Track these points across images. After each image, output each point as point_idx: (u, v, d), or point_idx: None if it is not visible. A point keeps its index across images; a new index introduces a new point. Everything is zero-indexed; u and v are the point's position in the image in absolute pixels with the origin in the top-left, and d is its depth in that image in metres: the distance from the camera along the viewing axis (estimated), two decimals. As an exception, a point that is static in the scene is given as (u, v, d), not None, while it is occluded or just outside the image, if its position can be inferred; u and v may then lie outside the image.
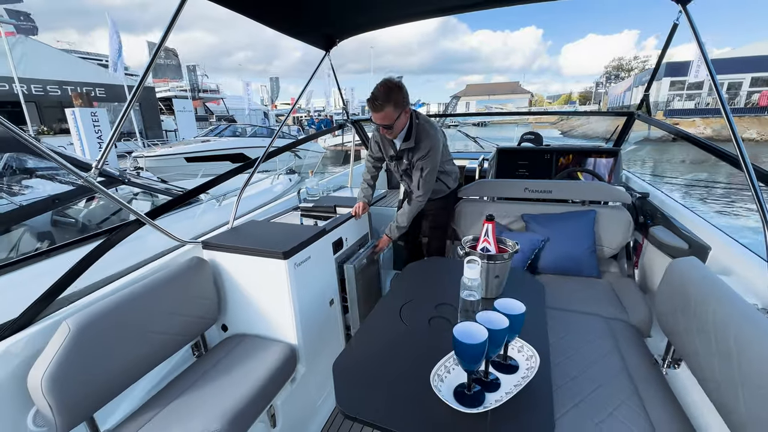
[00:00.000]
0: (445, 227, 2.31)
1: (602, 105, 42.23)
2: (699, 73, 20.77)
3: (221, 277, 1.65)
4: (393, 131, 1.89)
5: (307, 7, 1.77)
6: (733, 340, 0.99)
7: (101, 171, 1.29)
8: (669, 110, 24.61)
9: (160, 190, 3.41)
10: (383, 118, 1.83)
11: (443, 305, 1.33)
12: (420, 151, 1.94)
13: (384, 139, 2.07)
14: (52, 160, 1.10)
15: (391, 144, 2.06)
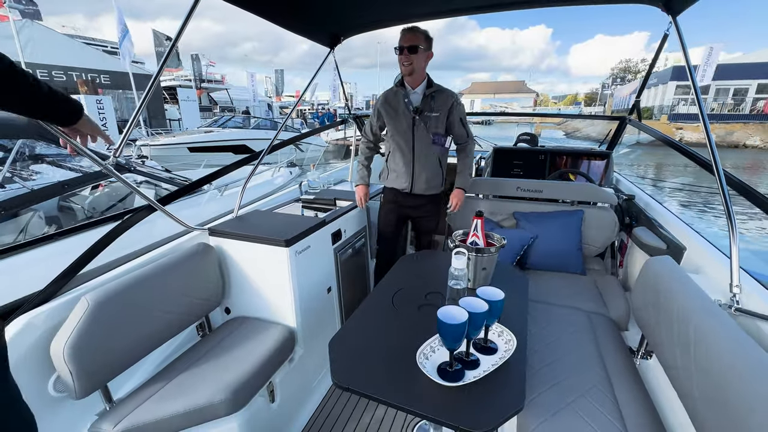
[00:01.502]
0: (433, 231, 2.25)
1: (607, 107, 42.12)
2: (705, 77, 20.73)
3: (226, 262, 1.75)
4: (414, 65, 1.85)
5: (313, 6, 1.84)
6: (692, 331, 1.08)
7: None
8: (673, 114, 24.53)
9: (164, 179, 3.50)
10: (412, 39, 1.81)
11: (432, 293, 1.43)
12: (449, 96, 1.96)
13: (396, 99, 1.97)
14: (76, 148, 1.18)
15: (404, 103, 1.95)
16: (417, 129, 1.95)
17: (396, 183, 2.09)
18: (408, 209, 2.16)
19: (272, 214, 2.07)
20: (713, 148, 1.38)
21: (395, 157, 2.04)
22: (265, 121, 14.32)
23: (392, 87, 2.03)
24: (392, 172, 2.09)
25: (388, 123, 2.02)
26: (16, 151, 3.00)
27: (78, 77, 16.17)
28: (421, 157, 2.01)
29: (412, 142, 1.98)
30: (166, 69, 21.39)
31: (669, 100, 26.56)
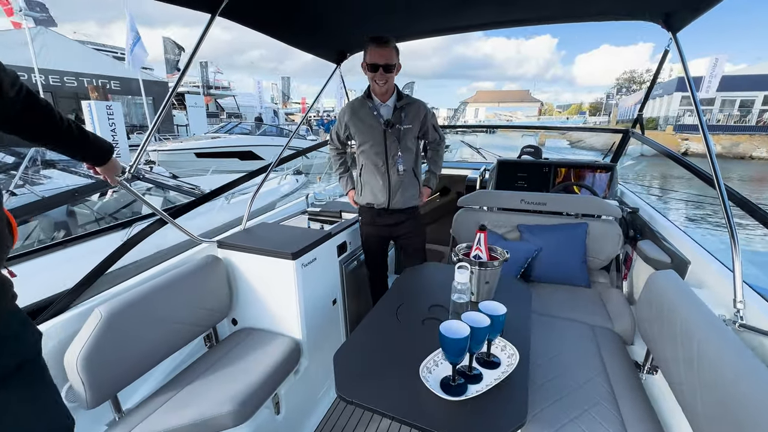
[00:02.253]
0: (423, 250, 2.15)
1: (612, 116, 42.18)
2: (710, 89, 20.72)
3: (234, 274, 1.77)
4: (389, 84, 1.81)
5: (320, 25, 1.90)
6: (696, 346, 1.09)
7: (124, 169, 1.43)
8: (679, 125, 24.48)
9: (172, 187, 3.56)
10: (388, 56, 1.73)
11: (436, 307, 1.45)
12: (421, 107, 1.94)
13: (364, 111, 1.88)
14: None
15: (373, 115, 1.87)
16: (389, 141, 1.88)
17: (372, 198, 1.98)
18: (388, 228, 2.04)
19: (279, 226, 2.11)
20: (714, 163, 1.40)
21: (368, 172, 1.95)
22: (271, 128, 14.48)
23: (358, 98, 1.96)
24: (366, 186, 1.99)
25: (358, 137, 1.93)
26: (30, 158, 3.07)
27: (89, 83, 16.48)
28: (395, 170, 1.93)
29: (384, 155, 1.90)
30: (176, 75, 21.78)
31: (674, 111, 26.54)
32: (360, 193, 2.04)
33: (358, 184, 2.06)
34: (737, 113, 25.22)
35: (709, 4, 1.52)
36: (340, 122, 2.00)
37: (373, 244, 2.11)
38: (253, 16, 1.67)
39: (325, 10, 1.74)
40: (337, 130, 2.04)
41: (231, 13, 1.52)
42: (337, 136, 2.07)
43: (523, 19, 2.01)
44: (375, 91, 1.86)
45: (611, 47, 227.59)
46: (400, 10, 1.82)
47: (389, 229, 2.05)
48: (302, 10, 1.69)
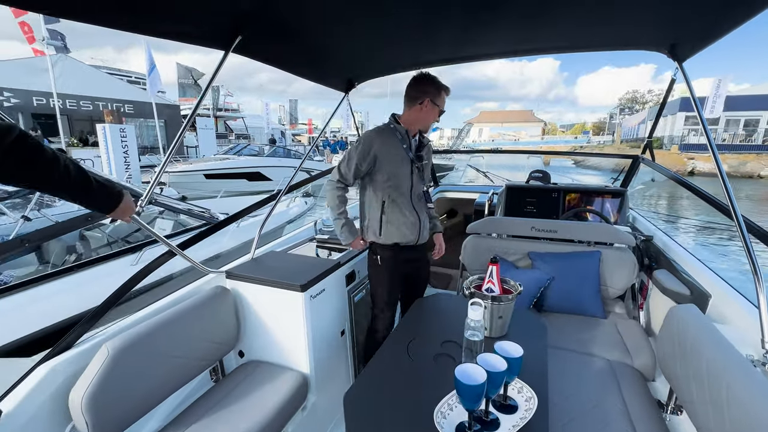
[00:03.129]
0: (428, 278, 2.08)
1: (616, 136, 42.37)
2: (714, 109, 20.83)
3: (242, 305, 1.76)
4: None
5: (329, 57, 1.94)
6: (726, 390, 1.04)
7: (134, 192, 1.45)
8: (684, 144, 24.49)
9: (183, 210, 3.59)
10: None
11: (448, 342, 1.41)
12: (431, 146, 2.00)
13: (392, 142, 1.79)
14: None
15: (402, 148, 1.80)
16: (415, 177, 1.85)
17: (398, 237, 1.84)
18: (406, 264, 1.94)
19: (288, 255, 2.10)
20: (730, 194, 1.37)
21: (395, 208, 1.82)
22: (278, 149, 14.73)
23: (384, 126, 1.84)
24: (391, 225, 1.83)
25: (387, 168, 1.78)
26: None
27: (104, 107, 17.06)
28: (420, 205, 1.90)
29: (410, 190, 1.84)
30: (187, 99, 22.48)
31: (678, 131, 26.63)
32: (380, 233, 1.84)
33: (375, 222, 1.85)
34: (742, 132, 25.21)
35: (715, 35, 1.53)
36: (364, 153, 1.75)
37: (395, 282, 1.94)
38: (265, 52, 1.72)
39: (334, 44, 1.78)
40: (357, 162, 1.76)
41: (243, 49, 1.57)
42: (355, 170, 1.77)
43: (532, 49, 2.03)
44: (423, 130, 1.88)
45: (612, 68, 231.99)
46: (407, 42, 1.86)
47: (410, 264, 1.96)
48: (312, 45, 1.74)
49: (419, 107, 1.77)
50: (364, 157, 1.76)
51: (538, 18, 1.54)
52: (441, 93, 1.78)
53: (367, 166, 1.78)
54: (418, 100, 1.76)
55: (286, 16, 1.40)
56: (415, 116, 1.80)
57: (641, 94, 58.44)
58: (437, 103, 1.78)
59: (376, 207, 1.83)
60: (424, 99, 1.75)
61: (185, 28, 1.38)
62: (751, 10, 1.25)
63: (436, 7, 1.42)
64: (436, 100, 1.77)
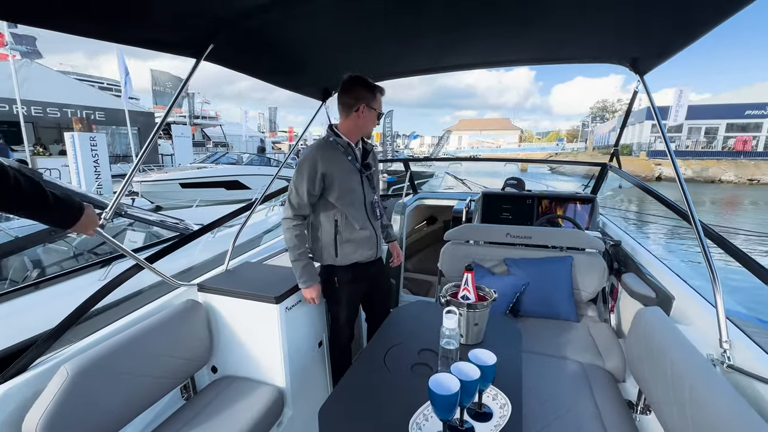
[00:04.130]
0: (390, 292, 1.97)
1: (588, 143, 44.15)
2: (678, 118, 22.05)
3: (214, 319, 1.70)
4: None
5: (305, 66, 1.93)
6: (689, 391, 1.08)
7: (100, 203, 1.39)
8: (651, 151, 25.74)
9: (154, 222, 3.47)
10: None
11: (425, 351, 1.41)
12: (376, 153, 1.88)
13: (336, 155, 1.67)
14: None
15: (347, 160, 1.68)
16: (365, 186, 1.73)
17: (357, 255, 1.72)
18: (367, 282, 1.83)
19: (263, 266, 2.05)
20: (689, 201, 1.44)
21: (350, 225, 1.69)
22: (258, 157, 14.54)
23: (323, 141, 1.70)
24: (347, 244, 1.70)
25: (336, 187, 1.63)
26: None
27: (73, 114, 16.37)
28: (374, 218, 1.76)
29: (364, 203, 1.72)
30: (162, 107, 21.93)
31: (646, 138, 28.05)
32: (336, 255, 1.70)
33: (329, 244, 1.70)
34: (704, 140, 26.77)
35: (672, 51, 1.63)
36: (312, 176, 1.59)
37: (351, 306, 1.82)
38: (238, 60, 1.70)
39: (310, 53, 1.78)
40: (308, 188, 1.59)
41: (215, 57, 1.55)
42: (308, 196, 1.61)
43: (505, 61, 2.11)
44: (366, 135, 1.75)
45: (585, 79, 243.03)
46: (384, 52, 1.88)
47: (369, 282, 1.84)
48: (287, 54, 1.73)
49: (356, 114, 1.65)
50: (312, 180, 1.60)
51: (511, 32, 1.60)
52: (376, 95, 1.67)
53: (318, 188, 1.63)
54: (354, 108, 1.64)
55: (260, 24, 1.39)
56: (353, 124, 1.67)
57: (611, 104, 61.25)
58: (374, 107, 1.66)
59: (329, 228, 1.69)
60: (360, 105, 1.63)
61: (155, 36, 1.35)
62: (703, 27, 1.34)
63: (412, 18, 1.44)
64: (372, 104, 1.65)
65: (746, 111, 25.88)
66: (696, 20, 1.33)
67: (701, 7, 1.24)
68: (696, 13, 1.29)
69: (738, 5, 1.17)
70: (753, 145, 25.31)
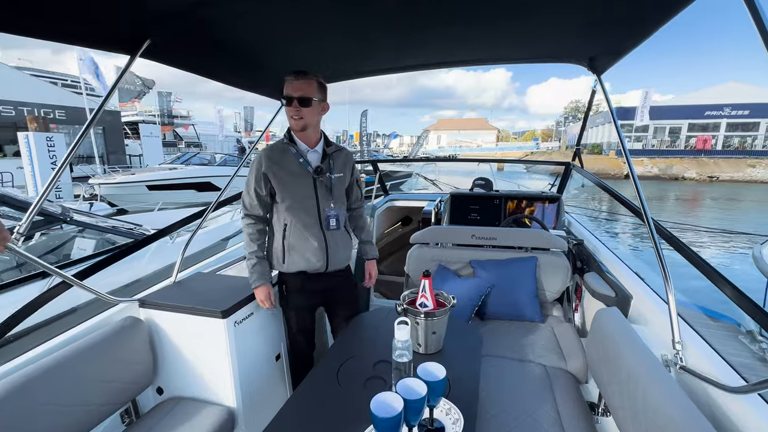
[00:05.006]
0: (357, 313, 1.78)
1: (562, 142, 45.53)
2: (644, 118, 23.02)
3: (158, 336, 1.57)
4: (306, 120, 1.53)
5: (261, 64, 1.83)
6: (642, 395, 1.07)
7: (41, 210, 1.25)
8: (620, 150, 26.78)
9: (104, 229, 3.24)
10: (303, 89, 1.49)
11: (381, 363, 1.34)
12: (349, 156, 1.74)
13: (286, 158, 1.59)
14: None
15: (299, 163, 1.59)
16: (320, 193, 1.62)
17: (304, 264, 1.62)
18: (320, 294, 1.73)
19: (216, 277, 1.92)
20: (642, 199, 1.45)
21: (297, 232, 1.60)
22: (231, 158, 14.13)
23: (276, 143, 1.64)
24: (294, 251, 1.62)
25: (281, 189, 1.58)
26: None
27: (29, 113, 15.41)
28: (330, 226, 1.64)
29: (317, 210, 1.61)
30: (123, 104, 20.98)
31: (615, 137, 29.18)
32: (283, 261, 1.64)
33: (278, 250, 1.64)
34: (668, 139, 28.11)
35: (626, 49, 1.64)
36: (257, 177, 1.57)
37: (301, 316, 1.73)
38: (180, 58, 1.58)
39: (263, 51, 1.69)
40: (255, 187, 1.58)
41: (153, 54, 1.43)
42: (255, 196, 1.59)
43: (469, 60, 2.09)
44: (293, 130, 1.59)
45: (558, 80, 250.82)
46: (346, 51, 1.81)
47: (322, 295, 1.74)
48: (237, 51, 1.63)
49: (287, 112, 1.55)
50: (258, 180, 1.58)
51: (475, 31, 1.58)
52: (285, 83, 1.52)
53: (265, 189, 1.59)
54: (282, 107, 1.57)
55: (201, 20, 1.29)
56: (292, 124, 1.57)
57: (583, 104, 63.31)
58: (284, 97, 1.52)
59: (278, 232, 1.63)
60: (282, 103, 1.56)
61: (82, 31, 1.23)
62: (654, 24, 1.36)
63: (369, 17, 1.39)
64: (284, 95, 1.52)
65: (706, 112, 27.35)
66: (646, 18, 1.34)
67: (650, 5, 1.25)
68: (645, 11, 1.30)
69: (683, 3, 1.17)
70: (712, 144, 26.78)
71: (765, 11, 0.82)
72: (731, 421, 0.95)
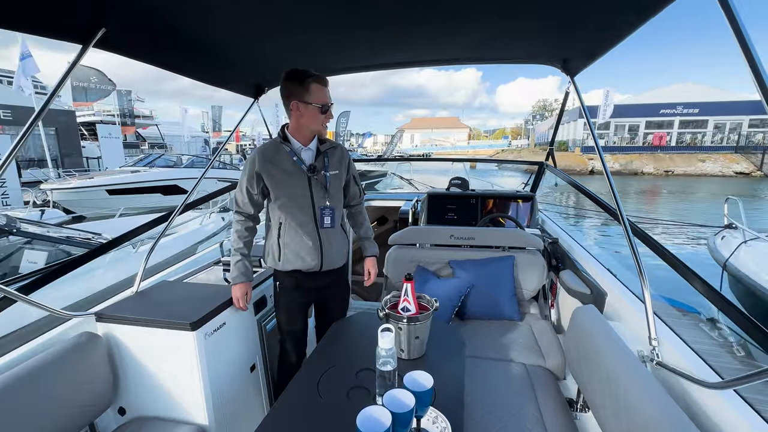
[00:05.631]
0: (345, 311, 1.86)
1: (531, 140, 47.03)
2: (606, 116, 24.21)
3: (119, 352, 1.45)
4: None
5: (233, 59, 1.73)
6: (623, 392, 1.09)
7: None
8: (585, 147, 28.05)
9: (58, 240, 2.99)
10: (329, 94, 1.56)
11: (364, 371, 1.30)
12: (345, 152, 1.72)
13: (280, 157, 1.58)
14: None
15: (293, 161, 1.58)
16: (315, 191, 1.60)
17: (298, 263, 1.62)
18: (313, 293, 1.73)
19: (183, 284, 1.80)
20: (617, 199, 1.48)
21: (291, 230, 1.61)
22: (199, 159, 13.57)
23: (269, 143, 1.64)
24: (288, 249, 1.62)
25: (275, 188, 1.58)
26: None
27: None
28: (324, 224, 1.63)
29: (312, 208, 1.61)
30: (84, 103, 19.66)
31: (580, 135, 30.55)
32: (278, 259, 1.64)
33: (273, 248, 1.65)
34: (627, 136, 29.67)
35: (599, 52, 1.68)
36: (250, 175, 1.57)
37: (294, 315, 1.72)
38: (141, 49, 1.46)
39: (237, 44, 1.59)
40: (247, 186, 1.59)
41: (110, 45, 1.31)
42: (247, 195, 1.60)
43: (445, 59, 2.07)
44: (318, 134, 1.60)
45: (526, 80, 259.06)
46: (322, 46, 1.74)
47: (317, 293, 1.74)
48: (206, 44, 1.52)
49: (294, 113, 1.53)
50: (250, 179, 1.59)
51: (451, 30, 1.56)
52: (309, 87, 1.49)
53: (258, 188, 1.60)
54: (288, 106, 1.54)
55: (161, 8, 1.18)
56: (295, 123, 1.56)
57: (549, 103, 65.82)
58: (308, 100, 1.50)
59: (274, 230, 1.63)
60: (291, 102, 1.51)
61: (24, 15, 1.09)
62: (628, 28, 1.40)
63: (345, 13, 1.34)
64: (305, 98, 1.50)
65: (661, 110, 29.08)
66: (620, 22, 1.37)
67: (624, 9, 1.27)
68: (619, 15, 1.32)
69: (658, 7, 1.20)
70: (667, 140, 28.50)
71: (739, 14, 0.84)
72: (707, 416, 0.98)
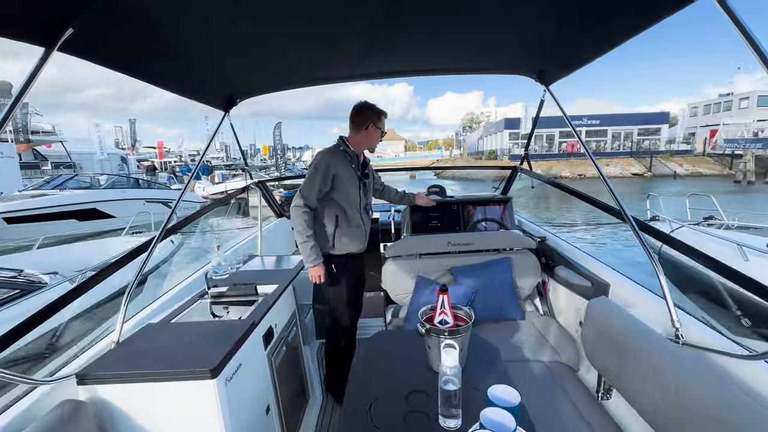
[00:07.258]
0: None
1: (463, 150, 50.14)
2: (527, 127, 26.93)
3: (112, 421, 1.16)
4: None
5: (204, 69, 1.62)
6: (653, 369, 1.17)
7: None
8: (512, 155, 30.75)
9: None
10: None
11: (415, 393, 1.21)
12: (371, 166, 2.26)
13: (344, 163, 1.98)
14: None
15: (351, 168, 2.01)
16: (361, 192, 2.07)
17: (351, 247, 2.07)
18: (356, 270, 2.18)
19: (173, 326, 1.51)
20: (618, 198, 1.60)
21: (347, 222, 2.03)
22: (120, 179, 12.09)
23: (335, 148, 2.02)
24: (344, 236, 2.05)
25: (341, 188, 1.97)
26: None
27: None
28: (366, 218, 2.14)
29: (359, 205, 2.06)
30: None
31: (506, 144, 33.45)
32: (333, 245, 2.03)
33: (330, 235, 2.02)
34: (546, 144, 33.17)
35: (574, 66, 1.82)
36: (325, 175, 1.92)
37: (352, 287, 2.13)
38: (109, 54, 1.25)
39: (211, 53, 1.47)
40: (320, 185, 1.92)
41: (75, 48, 1.10)
42: (318, 192, 1.93)
43: (423, 70, 2.12)
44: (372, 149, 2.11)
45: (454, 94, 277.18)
46: (296, 58, 1.69)
47: (357, 272, 2.19)
48: (179, 51, 1.37)
49: (365, 132, 2.01)
50: (325, 178, 1.92)
51: (431, 42, 1.58)
52: (381, 117, 2.05)
53: (328, 186, 1.94)
54: (363, 126, 2.00)
55: (134, 10, 1.04)
56: (361, 139, 2.03)
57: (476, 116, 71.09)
58: (379, 126, 2.04)
59: (330, 222, 2.01)
60: (368, 124, 2.00)
61: None
62: (600, 48, 1.52)
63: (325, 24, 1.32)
64: (377, 124, 2.04)
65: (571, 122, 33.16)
66: (595, 41, 1.51)
67: (600, 32, 1.39)
68: (594, 36, 1.45)
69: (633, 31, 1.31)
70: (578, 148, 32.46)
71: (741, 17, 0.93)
72: (749, 386, 1.07)
